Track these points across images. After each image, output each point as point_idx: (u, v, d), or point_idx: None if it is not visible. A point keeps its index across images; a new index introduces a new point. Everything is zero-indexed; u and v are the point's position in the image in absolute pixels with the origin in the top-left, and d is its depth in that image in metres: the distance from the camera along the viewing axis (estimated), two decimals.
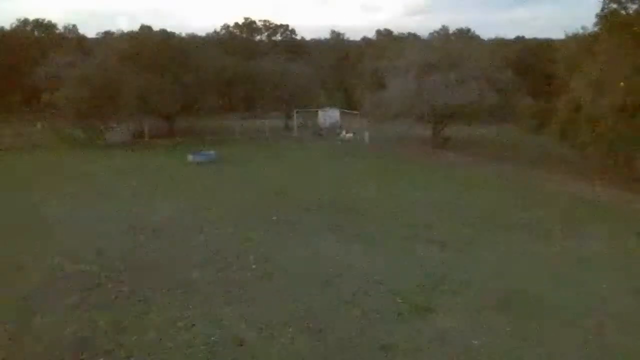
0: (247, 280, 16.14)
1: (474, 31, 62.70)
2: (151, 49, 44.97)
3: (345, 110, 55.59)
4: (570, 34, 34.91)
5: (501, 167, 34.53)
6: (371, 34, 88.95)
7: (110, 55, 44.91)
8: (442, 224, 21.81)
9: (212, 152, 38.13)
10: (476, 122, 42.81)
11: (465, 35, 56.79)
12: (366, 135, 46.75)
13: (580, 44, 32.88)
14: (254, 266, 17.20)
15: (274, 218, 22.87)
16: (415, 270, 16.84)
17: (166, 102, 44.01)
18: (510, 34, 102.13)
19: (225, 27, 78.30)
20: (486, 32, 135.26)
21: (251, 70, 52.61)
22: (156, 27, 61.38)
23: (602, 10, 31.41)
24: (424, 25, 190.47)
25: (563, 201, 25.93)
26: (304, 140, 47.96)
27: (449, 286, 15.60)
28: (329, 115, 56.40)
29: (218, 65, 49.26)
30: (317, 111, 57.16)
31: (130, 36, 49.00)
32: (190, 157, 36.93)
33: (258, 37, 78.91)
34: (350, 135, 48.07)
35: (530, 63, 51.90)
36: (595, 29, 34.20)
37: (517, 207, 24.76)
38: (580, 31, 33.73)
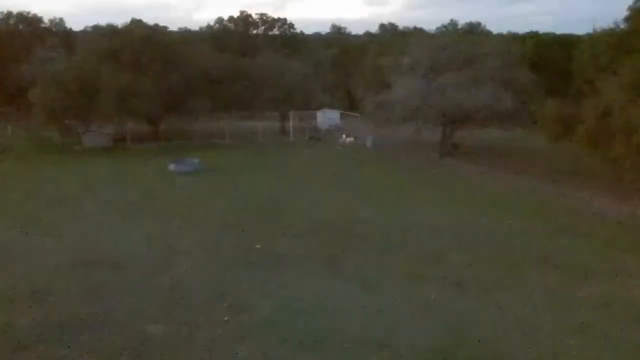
0: (215, 339, 13.09)
1: (484, 25, 59.34)
2: (132, 46, 41.85)
3: (347, 113, 52.51)
4: (598, 29, 31.69)
5: (521, 181, 31.41)
6: (374, 28, 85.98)
7: (88, 53, 41.82)
8: (456, 257, 18.67)
9: (196, 160, 35.08)
10: (490, 126, 39.67)
11: (476, 30, 53.44)
12: (369, 140, 43.66)
13: (610, 40, 29.72)
14: (226, 318, 14.14)
15: (258, 246, 19.83)
16: (428, 324, 13.77)
17: (148, 103, 40.90)
18: (518, 28, 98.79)
19: (220, 21, 75.09)
20: (494, 26, 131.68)
21: (244, 68, 49.47)
22: (151, 20, 58.21)
23: (636, 2, 28.36)
24: (429, 18, 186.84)
25: (598, 226, 22.76)
26: (301, 145, 44.87)
27: (469, 350, 12.55)
28: (329, 117, 53.37)
29: (207, 63, 46.15)
30: (315, 112, 54.15)
31: (109, 32, 45.72)
32: (171, 167, 33.90)
33: (255, 32, 75.73)
34: (351, 139, 44.98)
35: (547, 60, 48.62)
36: (626, 24, 31.24)
37: (545, 234, 21.58)
38: (611, 26, 30.60)
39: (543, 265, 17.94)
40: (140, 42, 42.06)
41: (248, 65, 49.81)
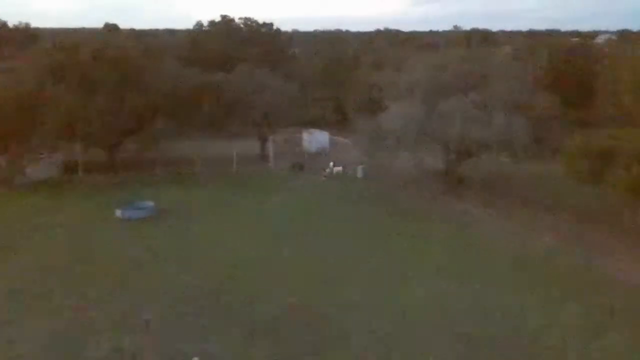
0: None
1: (491, 30, 53.87)
2: (81, 61, 36.62)
3: (336, 138, 47.20)
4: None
5: (541, 232, 26.27)
6: (379, 25, 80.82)
7: (28, 69, 36.62)
8: None
9: (150, 203, 29.93)
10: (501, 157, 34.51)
11: (483, 43, 48.11)
12: (359, 170, 38.47)
13: None
14: None
15: None
16: None
17: (100, 127, 35.70)
18: (525, 23, 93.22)
19: (199, 26, 69.98)
20: (501, 22, 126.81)
21: (217, 85, 44.27)
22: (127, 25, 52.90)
23: None
24: (436, 14, 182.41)
25: None
26: (281, 175, 39.61)
27: None
28: (316, 139, 48.14)
29: (173, 80, 40.97)
30: (302, 134, 48.93)
31: (52, 47, 40.35)
32: (118, 213, 28.67)
33: (238, 38, 70.45)
34: (339, 169, 39.76)
35: (564, 70, 43.29)
36: None
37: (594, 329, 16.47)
38: None
39: None
40: (89, 58, 36.78)
41: (221, 81, 44.58)
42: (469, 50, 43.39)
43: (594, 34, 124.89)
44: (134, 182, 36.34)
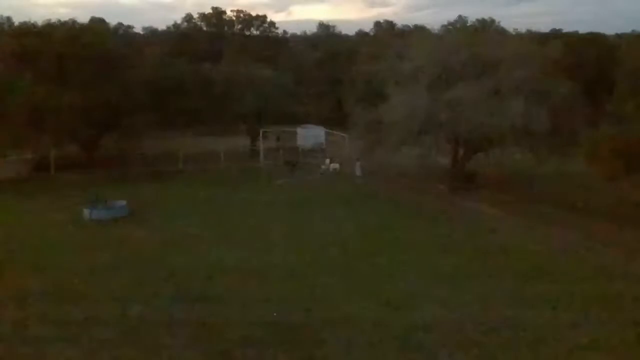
0: None
1: (499, 22, 50.82)
2: (51, 50, 33.59)
3: (333, 132, 44.28)
4: None
5: (566, 236, 23.26)
6: (369, 27, 78.04)
7: None
8: None
9: (122, 202, 26.90)
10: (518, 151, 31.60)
11: (489, 29, 44.95)
12: (357, 167, 35.49)
13: None
14: None
15: None
16: None
17: (73, 120, 32.76)
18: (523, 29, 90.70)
19: (188, 18, 67.10)
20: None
21: (204, 76, 41.42)
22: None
23: None
24: (431, 19, 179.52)
25: None
26: (273, 173, 36.60)
27: None
28: (312, 135, 45.30)
29: (156, 70, 38.09)
30: (296, 129, 46.08)
31: (19, 32, 37.27)
32: (86, 213, 25.67)
33: (230, 31, 67.63)
34: (336, 166, 36.81)
35: (580, 65, 40.48)
36: None
37: None
38: None
39: None
40: (61, 45, 33.78)
41: (209, 72, 41.70)
42: (480, 32, 40.38)
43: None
44: (111, 181, 33.38)
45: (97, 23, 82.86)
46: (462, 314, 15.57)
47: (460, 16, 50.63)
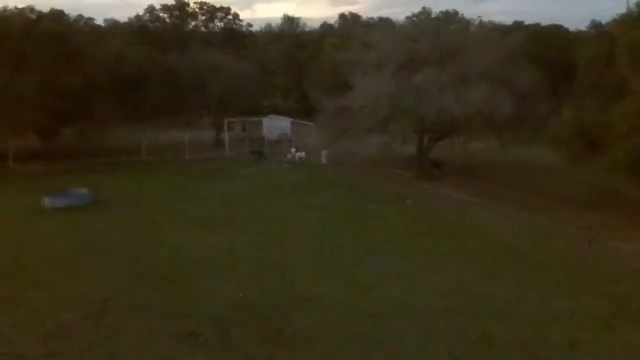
0: None
1: (462, 14, 51.14)
2: (10, 35, 32.66)
3: (299, 122, 44.12)
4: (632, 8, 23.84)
5: (532, 218, 23.54)
6: (333, 20, 77.81)
7: None
8: None
9: (83, 190, 26.28)
10: (483, 138, 31.92)
11: (453, 20, 45.25)
12: (323, 155, 35.40)
13: None
14: None
15: None
16: None
17: (31, 109, 31.84)
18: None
19: (150, 10, 65.70)
20: None
21: (167, 66, 40.79)
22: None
23: None
24: (398, 17, 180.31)
25: None
26: (238, 162, 36.25)
27: None
28: (277, 126, 45.01)
29: (116, 59, 37.35)
30: (261, 120, 45.79)
31: None
32: (46, 201, 25.00)
33: (193, 24, 66.65)
34: (301, 155, 36.63)
35: (545, 55, 40.85)
36: None
37: None
38: None
39: None
40: (20, 31, 32.85)
41: (172, 62, 41.10)
42: (445, 20, 40.65)
43: None
44: (72, 171, 32.58)
45: (57, 15, 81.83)
46: (431, 292, 15.59)
47: (424, 8, 50.59)
